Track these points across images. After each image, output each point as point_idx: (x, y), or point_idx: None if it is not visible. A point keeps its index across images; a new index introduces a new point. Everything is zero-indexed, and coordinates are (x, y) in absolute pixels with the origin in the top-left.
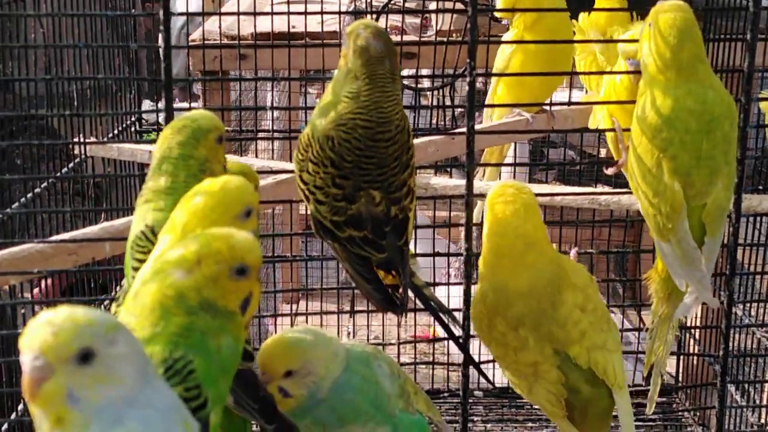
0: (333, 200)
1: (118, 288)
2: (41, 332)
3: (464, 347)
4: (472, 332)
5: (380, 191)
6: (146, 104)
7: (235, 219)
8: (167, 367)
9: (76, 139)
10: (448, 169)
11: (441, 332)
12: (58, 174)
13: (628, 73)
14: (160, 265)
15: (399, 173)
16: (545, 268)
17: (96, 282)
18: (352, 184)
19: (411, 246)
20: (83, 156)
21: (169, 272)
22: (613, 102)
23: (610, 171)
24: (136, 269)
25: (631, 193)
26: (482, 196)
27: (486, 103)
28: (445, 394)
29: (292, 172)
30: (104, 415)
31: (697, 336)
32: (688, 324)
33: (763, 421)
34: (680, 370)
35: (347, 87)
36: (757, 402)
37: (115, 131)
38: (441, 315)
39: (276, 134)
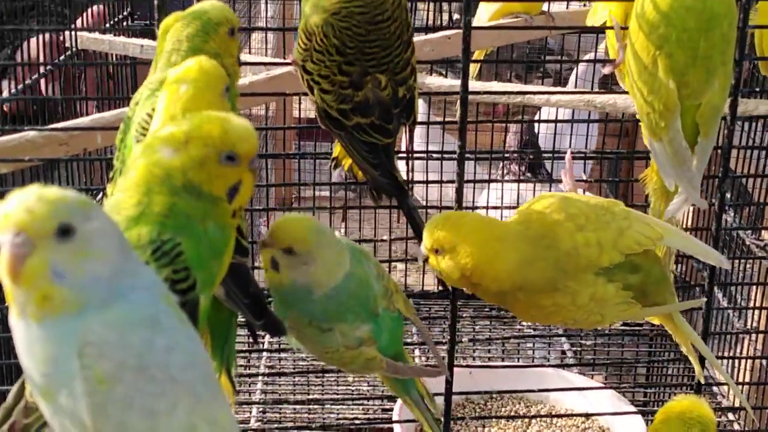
0: (339, 88)
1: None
2: (17, 211)
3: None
4: None
5: (386, 74)
6: None
7: (221, 97)
8: (155, 248)
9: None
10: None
11: None
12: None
13: None
14: (149, 141)
15: (403, 52)
16: (520, 233)
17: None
18: (358, 71)
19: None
20: (75, 49)
21: (157, 149)
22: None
23: (606, 69)
24: None
25: (627, 94)
26: (477, 93)
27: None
28: (435, 296)
29: (287, 64)
30: (95, 292)
31: None
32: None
33: (748, 325)
34: None
35: None
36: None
37: (107, 25)
38: (413, 216)
39: (270, 29)
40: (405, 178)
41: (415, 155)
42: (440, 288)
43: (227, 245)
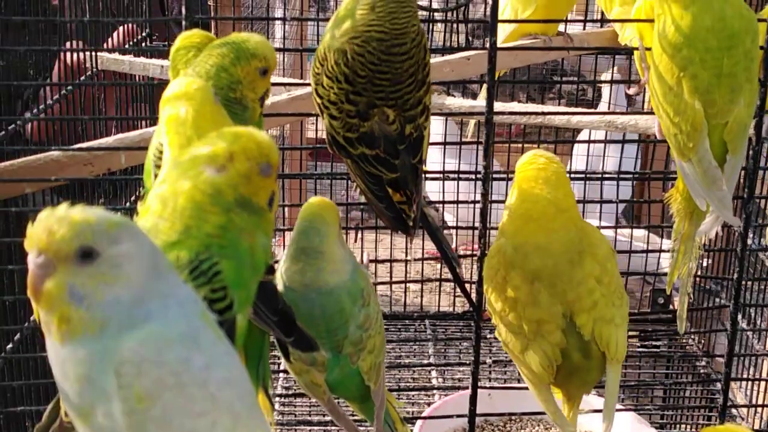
0: (346, 116)
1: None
2: (42, 231)
3: (454, 270)
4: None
5: (394, 109)
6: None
7: (216, 103)
8: (193, 267)
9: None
10: (456, 94)
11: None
12: (70, 82)
13: None
14: (188, 164)
15: (414, 91)
16: (569, 231)
17: None
18: (365, 101)
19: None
20: (95, 69)
21: (201, 169)
22: (629, 20)
23: (632, 90)
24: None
25: (648, 114)
26: (502, 113)
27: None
28: (452, 317)
29: (307, 85)
30: (117, 315)
31: (704, 263)
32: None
33: (767, 347)
34: None
35: None
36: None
37: (126, 47)
38: (438, 237)
39: (286, 50)
40: (425, 202)
41: (433, 174)
42: (469, 308)
43: (270, 256)
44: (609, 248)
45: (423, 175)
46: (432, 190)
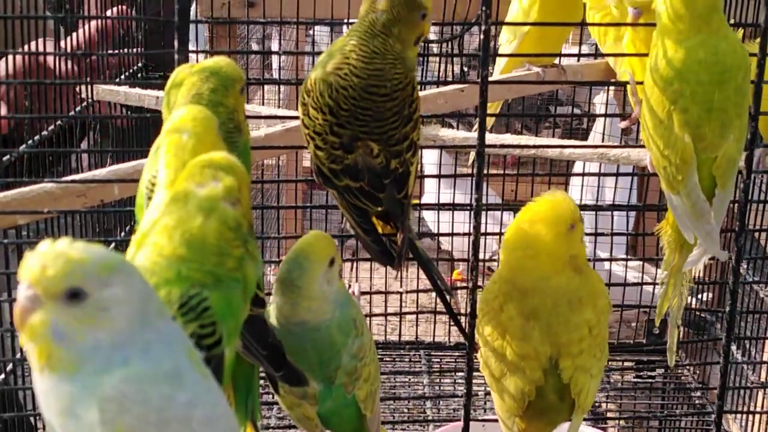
0: (331, 148)
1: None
2: (35, 264)
3: (447, 302)
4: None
5: (379, 143)
6: None
7: (219, 136)
8: (182, 304)
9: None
10: (453, 123)
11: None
12: (66, 115)
13: (634, 25)
14: (204, 201)
15: (399, 127)
16: (570, 272)
17: None
18: (349, 134)
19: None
20: (90, 100)
21: (221, 206)
22: (623, 54)
23: (623, 124)
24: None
25: (640, 147)
26: (493, 146)
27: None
28: (447, 348)
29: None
30: (94, 358)
31: (703, 297)
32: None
33: (763, 379)
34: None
35: (352, 33)
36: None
37: (122, 77)
38: (429, 268)
39: (282, 82)
40: (414, 234)
41: (427, 205)
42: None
43: (261, 275)
44: (608, 302)
45: (409, 209)
46: (428, 219)
